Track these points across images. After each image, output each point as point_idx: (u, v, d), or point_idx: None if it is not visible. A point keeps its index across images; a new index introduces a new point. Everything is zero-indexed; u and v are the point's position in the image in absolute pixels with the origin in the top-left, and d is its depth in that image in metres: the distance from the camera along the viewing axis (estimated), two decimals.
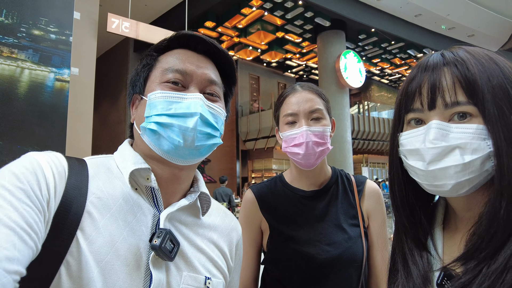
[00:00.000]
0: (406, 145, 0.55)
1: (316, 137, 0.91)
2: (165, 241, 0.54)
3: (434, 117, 0.51)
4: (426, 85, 0.53)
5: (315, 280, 0.91)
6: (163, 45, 0.65)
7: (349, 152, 11.05)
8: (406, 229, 0.60)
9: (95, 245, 0.50)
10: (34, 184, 0.46)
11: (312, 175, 1.00)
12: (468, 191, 0.50)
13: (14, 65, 2.24)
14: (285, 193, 1.01)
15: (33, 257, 0.43)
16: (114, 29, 6.06)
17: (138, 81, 0.65)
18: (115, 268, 0.50)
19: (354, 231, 0.96)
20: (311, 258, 0.91)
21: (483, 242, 0.47)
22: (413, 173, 0.55)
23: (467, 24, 12.54)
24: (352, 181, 1.04)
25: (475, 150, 0.47)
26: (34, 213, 0.44)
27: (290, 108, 0.95)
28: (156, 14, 11.09)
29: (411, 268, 0.57)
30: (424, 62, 0.55)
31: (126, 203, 0.56)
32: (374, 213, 1.00)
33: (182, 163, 0.60)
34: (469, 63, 0.50)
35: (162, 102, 0.58)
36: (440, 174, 0.49)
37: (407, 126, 0.57)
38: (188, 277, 0.58)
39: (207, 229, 0.67)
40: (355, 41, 12.89)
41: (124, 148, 0.64)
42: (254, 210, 1.01)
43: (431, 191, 0.53)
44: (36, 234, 0.43)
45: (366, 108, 15.45)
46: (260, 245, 1.03)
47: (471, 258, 0.48)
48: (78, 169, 0.54)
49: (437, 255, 0.57)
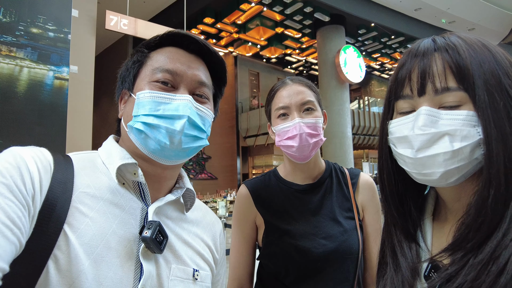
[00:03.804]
0: (395, 133, 0.54)
1: (310, 129, 0.91)
2: (155, 232, 0.55)
3: (424, 104, 0.50)
4: (416, 70, 0.52)
5: (312, 273, 0.91)
6: (154, 43, 0.65)
7: (350, 148, 11.05)
8: (395, 220, 0.59)
9: (85, 238, 0.50)
10: (17, 179, 0.46)
11: (306, 169, 1.00)
12: (458, 180, 0.49)
13: (13, 63, 2.24)
14: (280, 188, 1.01)
15: (16, 253, 0.43)
16: (112, 26, 6.04)
17: (128, 77, 0.64)
18: (106, 260, 0.51)
19: (349, 224, 0.96)
20: (307, 252, 0.91)
21: (471, 232, 0.46)
22: (402, 161, 0.53)
23: (468, 18, 12.47)
24: (346, 174, 1.04)
25: (464, 137, 0.46)
26: (18, 208, 0.44)
27: (282, 101, 0.95)
28: (154, 11, 11.04)
29: (400, 260, 0.56)
30: (414, 48, 0.54)
31: (113, 197, 0.56)
32: (368, 205, 1.01)
33: (167, 163, 0.61)
34: (461, 48, 0.49)
35: (150, 102, 0.58)
36: (429, 162, 0.48)
37: (397, 114, 0.55)
38: (177, 269, 0.59)
39: (191, 224, 0.68)
40: (354, 36, 12.84)
41: (110, 143, 0.64)
42: (249, 206, 1.01)
43: (420, 180, 0.52)
44: (19, 229, 0.43)
45: (366, 103, 15.41)
46: (255, 241, 1.03)
47: (458, 249, 0.47)
48: (63, 164, 0.54)
49: (426, 246, 0.56)
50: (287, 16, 11.27)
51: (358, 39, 13.08)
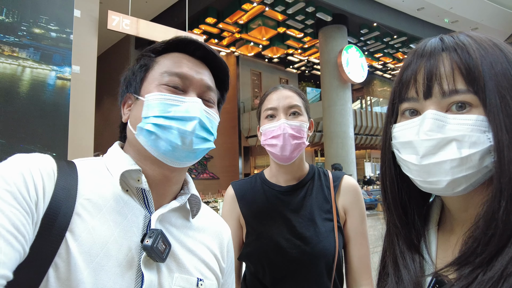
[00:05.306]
0: (399, 138, 0.51)
1: (293, 130, 0.97)
2: (157, 241, 0.54)
3: (430, 107, 0.47)
4: (422, 72, 0.48)
5: (287, 274, 0.94)
6: (161, 47, 0.66)
7: (352, 148, 11.02)
8: (398, 230, 0.55)
9: (85, 246, 0.49)
10: (21, 186, 0.46)
11: (289, 171, 1.04)
12: (465, 190, 0.45)
13: (16, 63, 2.24)
14: (263, 189, 1.06)
15: (20, 260, 0.43)
16: (114, 26, 6.05)
17: (134, 81, 0.64)
18: (106, 269, 0.50)
19: (327, 226, 0.98)
20: (282, 252, 0.94)
21: (479, 246, 0.42)
22: (406, 168, 0.50)
23: (471, 17, 12.41)
24: (329, 177, 1.08)
25: (473, 143, 0.43)
26: (22, 216, 0.44)
27: (271, 103, 1.02)
28: (156, 11, 11.06)
29: (402, 273, 0.53)
30: (421, 48, 0.51)
31: (116, 204, 0.56)
32: (351, 208, 1.03)
33: (176, 165, 0.61)
34: (470, 48, 0.46)
35: (160, 104, 0.59)
36: (435, 169, 0.45)
37: (401, 118, 0.52)
38: (180, 278, 0.58)
39: (197, 231, 0.67)
40: (357, 36, 12.81)
41: (115, 150, 0.64)
42: (233, 205, 1.06)
43: (424, 188, 0.49)
44: (23, 237, 0.43)
45: (368, 103, 15.35)
46: (241, 239, 1.07)
47: (466, 263, 0.44)
48: (67, 171, 0.54)
49: (430, 258, 0.53)
50: (289, 16, 11.25)
51: (360, 38, 13.04)
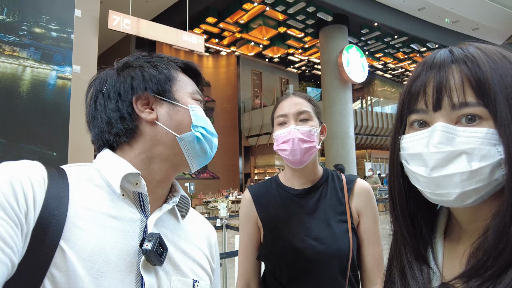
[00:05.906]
0: (408, 149, 0.51)
1: (303, 135, 1.01)
2: (155, 245, 0.54)
3: (440, 119, 0.47)
4: (432, 83, 0.48)
5: (302, 273, 0.99)
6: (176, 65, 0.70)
7: (352, 148, 11.03)
8: (406, 240, 0.55)
9: (83, 253, 0.49)
10: (9, 195, 0.44)
11: (303, 175, 1.08)
12: (475, 202, 0.45)
13: (16, 63, 2.25)
14: (279, 193, 1.11)
15: (9, 273, 0.42)
16: (115, 26, 6.06)
17: (165, 83, 0.64)
18: (106, 274, 0.50)
19: (341, 227, 1.02)
20: (298, 252, 0.99)
21: (490, 259, 0.42)
22: (415, 179, 0.50)
23: (472, 17, 12.41)
24: (342, 180, 1.12)
25: (484, 156, 0.43)
26: (9, 227, 0.42)
27: (282, 110, 1.07)
28: (157, 11, 11.07)
29: (410, 283, 0.53)
30: (430, 59, 0.51)
31: (112, 210, 0.56)
32: (364, 211, 1.06)
33: (194, 169, 0.67)
34: (480, 60, 0.46)
35: (202, 118, 0.67)
36: (444, 182, 0.45)
37: (410, 129, 0.52)
38: (177, 281, 0.59)
39: (188, 232, 0.68)
40: (357, 36, 12.81)
41: (108, 155, 0.62)
42: (251, 208, 1.12)
43: (433, 200, 0.49)
44: (11, 249, 0.42)
45: (369, 103, 15.35)
46: (259, 240, 1.11)
47: (475, 276, 0.43)
48: (58, 178, 0.53)
49: (437, 268, 0.53)
50: (290, 15, 11.26)
51: (361, 38, 13.05)
